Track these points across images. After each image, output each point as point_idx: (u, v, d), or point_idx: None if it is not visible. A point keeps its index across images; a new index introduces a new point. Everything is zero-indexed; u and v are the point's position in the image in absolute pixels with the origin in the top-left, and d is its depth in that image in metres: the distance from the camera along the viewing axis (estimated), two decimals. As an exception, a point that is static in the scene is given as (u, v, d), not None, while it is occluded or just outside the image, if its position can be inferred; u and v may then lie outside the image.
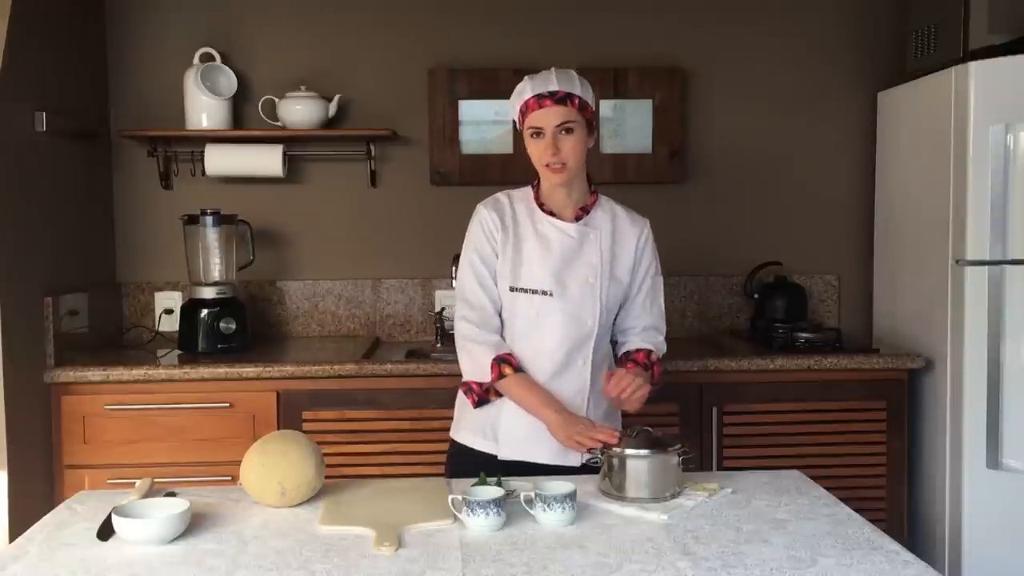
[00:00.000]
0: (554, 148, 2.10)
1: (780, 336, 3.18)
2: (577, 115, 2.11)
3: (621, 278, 2.22)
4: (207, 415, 2.87)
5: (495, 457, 2.18)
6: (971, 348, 2.89)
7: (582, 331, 2.17)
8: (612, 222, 2.24)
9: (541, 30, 3.49)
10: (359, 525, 1.72)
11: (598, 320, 2.18)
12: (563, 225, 2.19)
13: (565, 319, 2.16)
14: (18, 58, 2.73)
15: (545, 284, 2.16)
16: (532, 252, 2.18)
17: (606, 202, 2.27)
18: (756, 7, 3.54)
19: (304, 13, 3.46)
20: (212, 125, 3.30)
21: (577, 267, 2.18)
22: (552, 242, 2.18)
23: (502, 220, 2.20)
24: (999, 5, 2.95)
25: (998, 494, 2.87)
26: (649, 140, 3.48)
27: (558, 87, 2.11)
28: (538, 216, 2.21)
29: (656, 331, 2.28)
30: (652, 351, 2.23)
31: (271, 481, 1.83)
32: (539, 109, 2.11)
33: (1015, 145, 2.85)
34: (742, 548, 1.62)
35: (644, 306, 2.27)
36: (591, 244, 2.19)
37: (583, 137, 2.13)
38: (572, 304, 2.16)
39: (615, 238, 2.22)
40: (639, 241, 2.25)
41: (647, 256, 2.27)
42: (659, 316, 2.30)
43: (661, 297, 2.31)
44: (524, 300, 2.17)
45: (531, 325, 2.17)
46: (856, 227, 3.61)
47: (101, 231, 3.39)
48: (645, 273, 2.26)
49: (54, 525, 1.78)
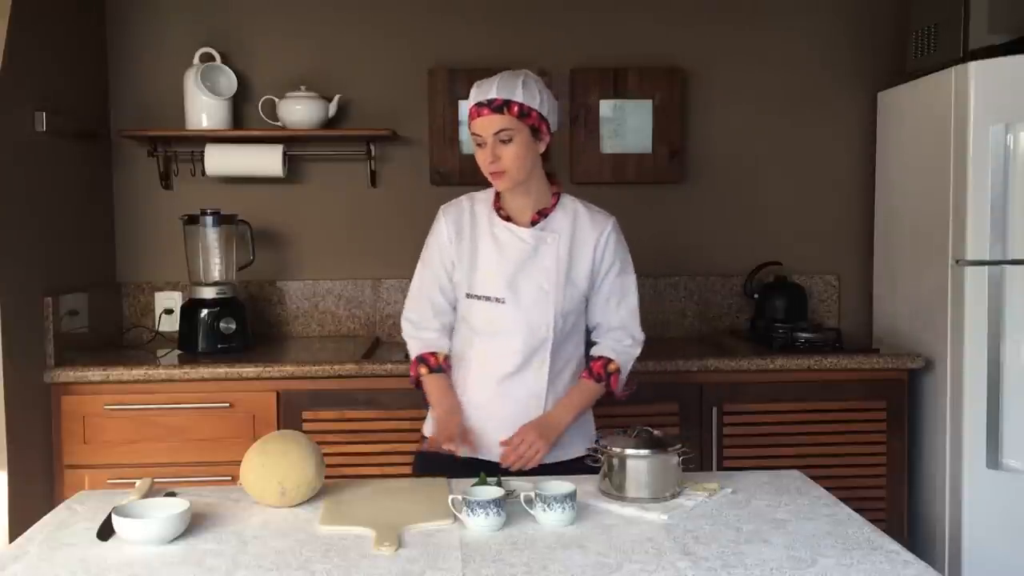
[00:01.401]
0: (493, 156, 2.09)
1: (780, 336, 3.18)
2: (515, 122, 2.08)
3: (579, 282, 2.20)
4: (207, 415, 2.87)
5: (453, 457, 2.18)
6: (971, 348, 2.89)
7: (536, 337, 2.17)
8: (572, 224, 2.21)
9: (541, 30, 3.49)
10: (359, 525, 1.72)
11: (552, 327, 2.16)
12: (518, 230, 2.18)
13: (519, 326, 2.16)
14: (18, 58, 2.73)
15: (498, 291, 2.16)
16: (487, 258, 2.19)
17: (569, 203, 2.24)
18: (756, 7, 3.54)
19: (304, 13, 3.46)
20: (212, 125, 3.30)
21: (532, 273, 2.17)
22: (507, 248, 2.18)
23: (458, 228, 2.22)
24: (999, 5, 2.95)
25: (998, 494, 2.87)
26: (649, 140, 3.48)
27: (496, 95, 2.08)
28: (495, 221, 2.21)
29: (624, 332, 2.25)
30: (612, 360, 2.22)
31: (271, 481, 1.83)
32: (478, 117, 2.10)
33: (1015, 145, 2.85)
34: (742, 548, 1.62)
35: (609, 305, 2.24)
36: (547, 249, 2.17)
37: (526, 143, 2.10)
38: (525, 311, 2.16)
39: (574, 240, 2.20)
40: (599, 241, 2.21)
41: (609, 255, 2.22)
42: (629, 316, 2.26)
43: (632, 297, 2.27)
44: (479, 307, 2.19)
45: (487, 330, 2.19)
46: (856, 227, 3.61)
47: (101, 231, 3.39)
48: (607, 272, 2.22)
49: (54, 525, 1.78)
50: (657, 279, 3.56)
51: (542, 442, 2.09)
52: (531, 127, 2.11)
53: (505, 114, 2.08)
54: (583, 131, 3.47)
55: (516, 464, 2.08)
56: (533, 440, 2.08)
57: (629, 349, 2.26)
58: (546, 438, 2.10)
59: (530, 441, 2.08)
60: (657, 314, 3.56)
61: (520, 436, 2.09)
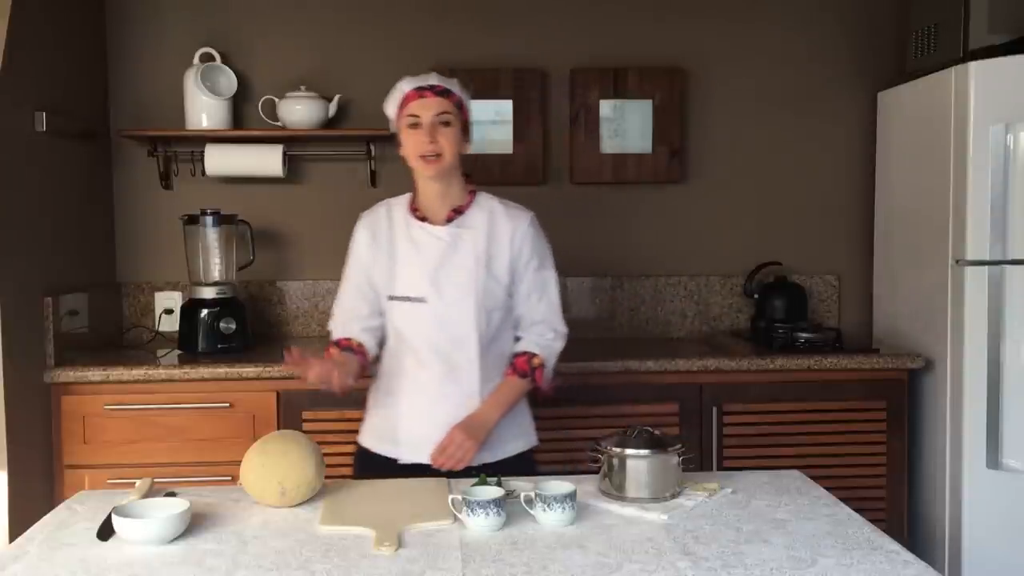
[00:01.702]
0: (431, 136, 2.13)
1: (780, 336, 3.18)
2: (455, 110, 2.16)
3: (499, 276, 2.20)
4: (207, 415, 2.87)
5: (396, 461, 2.20)
6: (971, 348, 2.89)
7: (459, 333, 2.17)
8: (489, 220, 2.22)
9: (541, 30, 3.49)
10: (359, 525, 1.72)
11: (475, 322, 2.17)
12: (434, 229, 2.20)
13: (440, 323, 2.17)
14: (18, 58, 2.72)
15: (419, 291, 2.17)
16: (406, 260, 2.20)
17: (485, 200, 2.26)
18: (756, 7, 3.54)
19: (304, 13, 3.46)
20: (212, 125, 3.30)
21: (451, 270, 2.18)
22: (424, 247, 2.19)
23: (374, 233, 2.25)
24: (999, 5, 2.95)
25: (998, 494, 2.87)
26: (649, 140, 3.48)
27: (437, 81, 2.18)
28: (411, 222, 2.23)
29: (546, 326, 2.27)
30: (535, 355, 2.23)
31: (271, 481, 1.83)
32: (418, 99, 2.15)
33: (1015, 145, 2.85)
34: (742, 548, 1.62)
35: (530, 300, 2.25)
36: (465, 245, 2.19)
37: (459, 133, 2.18)
38: (446, 308, 2.17)
39: (491, 236, 2.21)
40: (516, 235, 2.22)
41: (527, 250, 2.23)
42: (551, 311, 2.27)
43: (553, 292, 2.29)
44: (402, 308, 2.20)
45: (411, 331, 2.20)
46: (856, 227, 3.61)
47: (101, 231, 3.39)
48: (526, 267, 2.23)
49: (54, 525, 1.78)
50: (657, 279, 3.56)
51: (471, 442, 2.09)
52: (463, 122, 2.19)
53: (447, 99, 2.16)
54: (583, 131, 3.47)
55: (446, 465, 2.08)
56: (462, 441, 2.09)
57: (552, 343, 2.27)
58: (475, 437, 2.11)
59: (459, 442, 2.09)
60: (657, 314, 3.56)
61: (449, 437, 2.10)
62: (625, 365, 2.95)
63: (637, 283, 3.56)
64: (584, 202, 3.53)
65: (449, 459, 2.08)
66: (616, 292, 3.55)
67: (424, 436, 2.15)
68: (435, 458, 2.09)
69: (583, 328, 3.54)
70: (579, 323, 3.52)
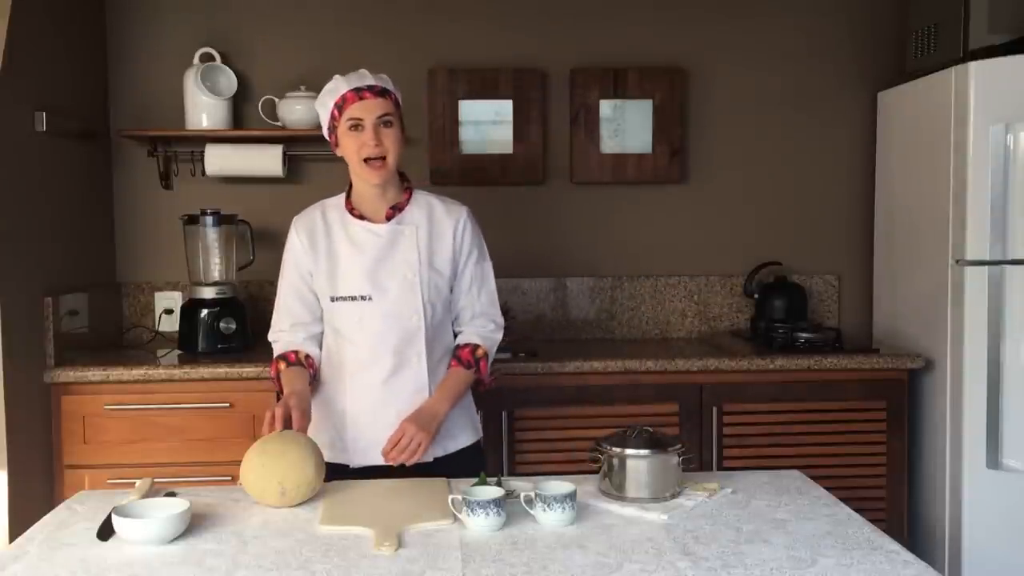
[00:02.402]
0: (376, 139, 2.11)
1: (780, 336, 3.18)
2: (395, 110, 2.15)
3: (442, 269, 2.21)
4: (207, 415, 2.87)
5: (347, 467, 2.18)
6: (971, 348, 2.89)
7: (408, 328, 2.17)
8: (428, 215, 2.23)
9: (541, 30, 3.49)
10: (359, 525, 1.72)
11: (422, 315, 2.17)
12: (373, 227, 2.19)
13: (388, 320, 2.16)
14: (18, 58, 2.72)
15: (362, 289, 2.16)
16: (346, 259, 2.19)
17: (422, 197, 2.26)
18: (756, 7, 3.54)
19: (304, 13, 3.46)
20: (212, 125, 3.30)
21: (393, 266, 2.17)
22: (364, 246, 2.18)
23: (311, 236, 2.22)
24: (999, 5, 2.95)
25: (998, 494, 2.87)
26: (649, 140, 3.48)
27: (374, 81, 2.14)
28: (348, 221, 2.21)
29: (487, 318, 2.28)
30: (479, 346, 2.24)
31: (271, 481, 1.83)
32: (359, 101, 2.12)
33: (1015, 145, 2.85)
34: (742, 548, 1.62)
35: (471, 292, 2.26)
36: (406, 241, 2.19)
37: (400, 133, 2.16)
38: (392, 304, 2.16)
39: (432, 231, 2.21)
40: (456, 229, 2.23)
41: (467, 243, 2.24)
42: (490, 303, 2.29)
43: (491, 283, 2.30)
44: (345, 308, 2.18)
45: (356, 331, 2.18)
46: (856, 227, 3.61)
47: (101, 231, 3.39)
48: (467, 259, 2.24)
49: (54, 525, 1.78)
50: (657, 279, 3.56)
51: (423, 434, 2.08)
52: (400, 121, 2.17)
53: (387, 99, 2.14)
54: (583, 131, 3.47)
55: (399, 459, 2.07)
56: (414, 433, 2.07)
57: (493, 334, 2.28)
58: (427, 430, 2.09)
59: (411, 434, 2.07)
60: (657, 314, 3.56)
61: (400, 430, 2.08)
62: (625, 365, 2.95)
63: (637, 283, 3.56)
64: (584, 202, 3.53)
65: (401, 453, 2.06)
66: (616, 292, 3.55)
67: (371, 438, 2.14)
68: (386, 452, 2.07)
69: (583, 328, 3.54)
70: (579, 323, 3.54)
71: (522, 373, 2.93)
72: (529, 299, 3.53)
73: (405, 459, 2.07)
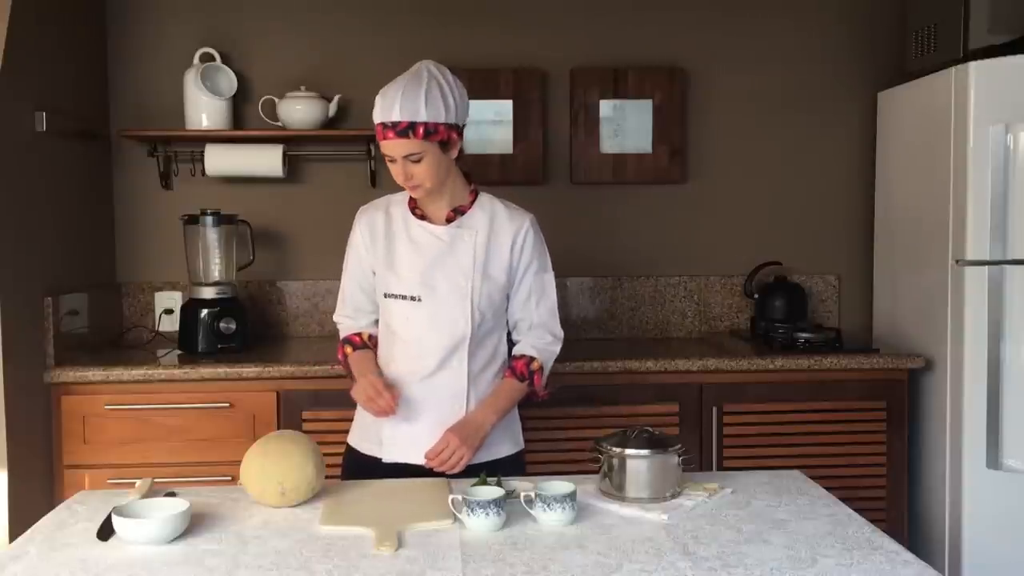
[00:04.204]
0: (405, 175, 2.09)
1: (780, 336, 3.18)
2: (422, 144, 2.04)
3: (496, 276, 2.18)
4: (207, 415, 2.87)
5: (380, 460, 2.19)
6: (971, 348, 2.89)
7: (455, 334, 2.15)
8: (490, 221, 2.20)
9: (541, 30, 3.49)
10: (359, 525, 1.72)
11: (469, 322, 2.15)
12: (433, 228, 2.18)
13: (435, 323, 2.15)
14: (18, 58, 2.72)
15: (413, 289, 2.16)
16: (403, 258, 2.18)
17: (487, 201, 2.24)
18: (756, 7, 3.54)
19: (304, 13, 3.46)
20: (212, 125, 3.30)
21: (447, 269, 2.16)
22: (422, 246, 2.17)
23: (372, 231, 2.22)
24: (999, 5, 2.95)
25: (998, 494, 2.87)
26: (649, 140, 3.48)
27: (400, 117, 2.03)
28: (411, 220, 2.20)
29: (545, 330, 2.25)
30: (535, 359, 2.21)
31: (271, 481, 1.83)
32: (384, 140, 2.07)
33: (1015, 145, 2.85)
34: (742, 548, 1.62)
35: (529, 303, 2.23)
36: (464, 245, 2.17)
37: (436, 158, 2.08)
38: (441, 308, 2.15)
39: (491, 237, 2.19)
40: (517, 237, 2.20)
41: (527, 252, 2.21)
42: (549, 315, 2.26)
43: (551, 295, 2.27)
44: (396, 306, 2.19)
45: (405, 329, 2.18)
46: (856, 227, 3.61)
47: (101, 231, 3.39)
48: (525, 269, 2.22)
49: (54, 525, 1.78)
50: (657, 279, 3.56)
51: (465, 448, 2.08)
52: (439, 142, 2.07)
53: (411, 138, 2.04)
54: (583, 131, 3.47)
55: (438, 468, 2.07)
56: (457, 446, 2.07)
57: (550, 347, 2.25)
58: (470, 444, 2.09)
59: (454, 447, 2.07)
60: (657, 314, 3.57)
61: (444, 441, 2.08)
62: (625, 365, 2.95)
63: (637, 283, 3.56)
64: (584, 202, 3.53)
65: (443, 464, 2.07)
66: (616, 292, 3.55)
67: (408, 436, 2.15)
68: (429, 461, 2.08)
69: (583, 328, 3.54)
70: (579, 323, 3.54)
71: (522, 373, 2.92)
72: (529, 299, 3.53)
73: (445, 469, 2.07)
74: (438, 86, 2.08)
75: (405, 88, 2.04)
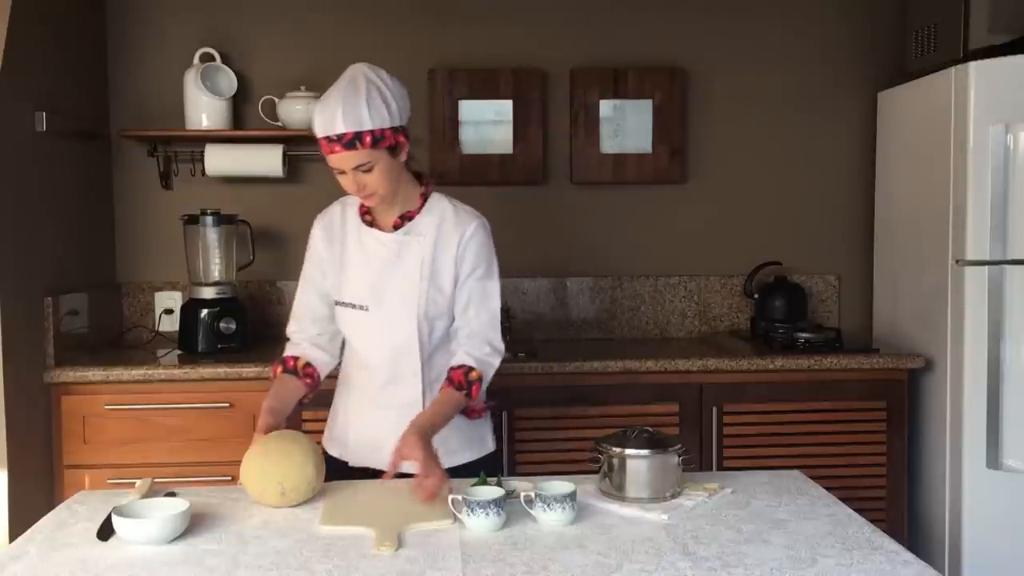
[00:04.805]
0: (357, 186, 2.00)
1: (780, 336, 3.18)
2: (371, 153, 1.95)
3: (444, 286, 2.10)
4: (207, 415, 2.87)
5: (347, 464, 2.16)
6: (971, 348, 2.89)
7: (402, 344, 2.09)
8: (438, 226, 2.11)
9: (541, 30, 3.50)
10: (359, 525, 1.72)
11: (416, 333, 2.08)
12: (381, 236, 2.11)
13: (383, 333, 2.10)
14: (18, 58, 2.72)
15: (362, 298, 2.10)
16: (353, 266, 2.12)
17: (437, 203, 2.14)
18: (756, 7, 3.54)
19: (304, 13, 3.46)
20: (212, 125, 3.30)
21: (395, 278, 2.09)
22: (371, 254, 2.11)
23: (329, 236, 2.17)
24: (999, 5, 2.95)
25: (998, 494, 2.87)
26: (649, 140, 3.48)
27: (344, 129, 1.93)
28: (361, 227, 2.14)
29: (483, 340, 2.11)
30: (473, 368, 2.07)
31: (271, 481, 1.83)
32: (331, 153, 1.97)
33: (1015, 145, 2.85)
34: (742, 548, 1.62)
35: (468, 310, 2.11)
36: (411, 253, 2.09)
37: (387, 164, 1.99)
38: (388, 317, 2.09)
39: (438, 244, 2.10)
40: (461, 240, 2.09)
41: (470, 257, 2.10)
42: (489, 324, 2.12)
43: (493, 304, 2.13)
44: (346, 314, 2.14)
45: (356, 338, 2.15)
46: (856, 227, 3.61)
47: (101, 231, 3.39)
48: (468, 274, 2.11)
49: (54, 525, 1.78)
50: (657, 279, 3.56)
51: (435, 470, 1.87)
52: (388, 148, 1.99)
53: (359, 148, 1.95)
54: (583, 131, 3.47)
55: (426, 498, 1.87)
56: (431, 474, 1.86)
57: (488, 359, 2.11)
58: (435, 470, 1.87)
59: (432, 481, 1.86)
60: (657, 314, 3.57)
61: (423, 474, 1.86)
62: (625, 365, 2.95)
63: (637, 283, 3.56)
64: (584, 202, 3.53)
65: (430, 493, 1.86)
66: (616, 292, 3.55)
67: (368, 442, 2.11)
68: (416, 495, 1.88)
69: (583, 328, 3.54)
70: (579, 323, 3.54)
71: (522, 373, 2.93)
72: (529, 299, 3.53)
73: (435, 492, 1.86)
74: (377, 90, 1.99)
75: (345, 97, 1.95)
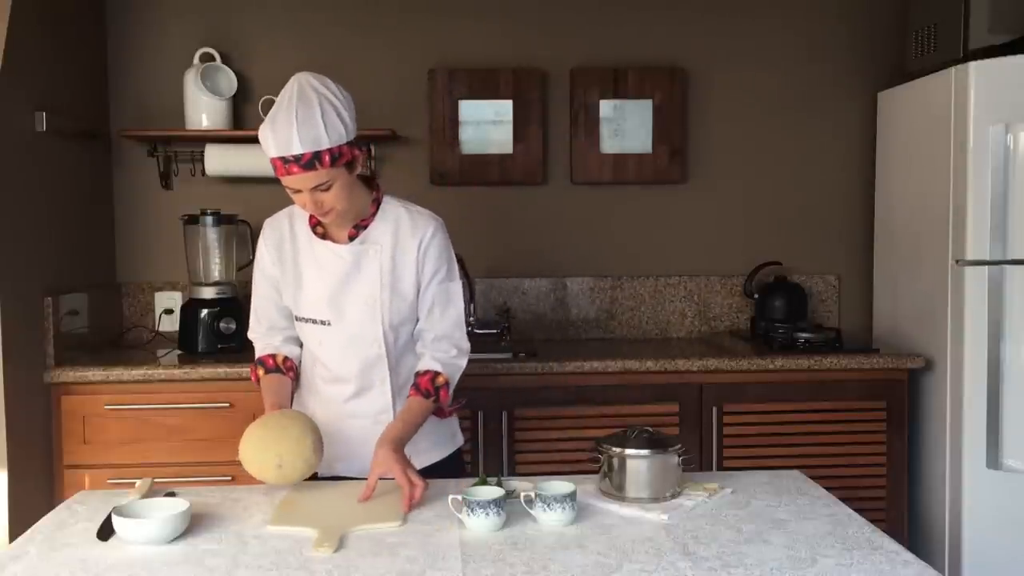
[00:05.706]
0: (315, 204, 1.95)
1: (780, 336, 3.18)
2: (330, 172, 1.91)
3: (406, 293, 2.07)
4: (207, 415, 2.87)
5: (315, 474, 2.09)
6: (971, 348, 2.89)
7: (369, 355, 2.07)
8: (394, 233, 2.07)
9: (541, 30, 3.49)
10: (307, 526, 1.71)
11: (383, 342, 2.06)
12: (336, 247, 2.06)
13: (348, 346, 2.07)
14: (18, 58, 2.72)
15: (322, 313, 2.06)
16: (309, 280, 2.08)
17: (391, 209, 2.10)
18: (756, 7, 3.54)
19: (304, 13, 3.46)
20: (212, 125, 3.30)
21: (355, 290, 2.05)
22: (326, 267, 2.06)
23: (279, 250, 2.11)
24: (999, 5, 2.95)
25: (998, 494, 2.87)
26: (649, 140, 3.48)
27: (302, 149, 1.89)
28: (313, 239, 2.08)
29: (449, 342, 2.09)
30: (439, 373, 2.06)
31: (269, 453, 1.84)
32: (287, 175, 1.92)
33: (1015, 145, 2.85)
34: (742, 548, 1.62)
35: (433, 314, 2.09)
36: (369, 263, 2.05)
37: (345, 180, 1.95)
38: (351, 330, 2.06)
39: (396, 249, 2.06)
40: (420, 245, 2.06)
41: (431, 261, 2.07)
42: (454, 326, 2.10)
43: (457, 305, 2.11)
44: (307, 329, 2.11)
45: (320, 352, 2.11)
46: (856, 227, 3.61)
47: (101, 231, 3.39)
48: (430, 279, 2.08)
49: (54, 525, 1.78)
50: (657, 279, 3.56)
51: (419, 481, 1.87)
52: (346, 164, 1.95)
53: (318, 168, 1.90)
54: (583, 131, 3.47)
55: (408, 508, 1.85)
56: (416, 481, 1.87)
57: (455, 360, 2.10)
58: (416, 480, 1.86)
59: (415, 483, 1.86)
60: (657, 314, 3.57)
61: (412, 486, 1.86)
62: (625, 365, 2.95)
63: (637, 283, 3.56)
64: (584, 202, 3.53)
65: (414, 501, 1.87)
66: (616, 292, 3.55)
67: (336, 451, 2.08)
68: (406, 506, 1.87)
69: (583, 328, 3.54)
70: (579, 323, 3.54)
71: (522, 373, 2.93)
72: (529, 299, 3.53)
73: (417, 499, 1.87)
74: (331, 104, 1.96)
75: (298, 115, 1.90)
